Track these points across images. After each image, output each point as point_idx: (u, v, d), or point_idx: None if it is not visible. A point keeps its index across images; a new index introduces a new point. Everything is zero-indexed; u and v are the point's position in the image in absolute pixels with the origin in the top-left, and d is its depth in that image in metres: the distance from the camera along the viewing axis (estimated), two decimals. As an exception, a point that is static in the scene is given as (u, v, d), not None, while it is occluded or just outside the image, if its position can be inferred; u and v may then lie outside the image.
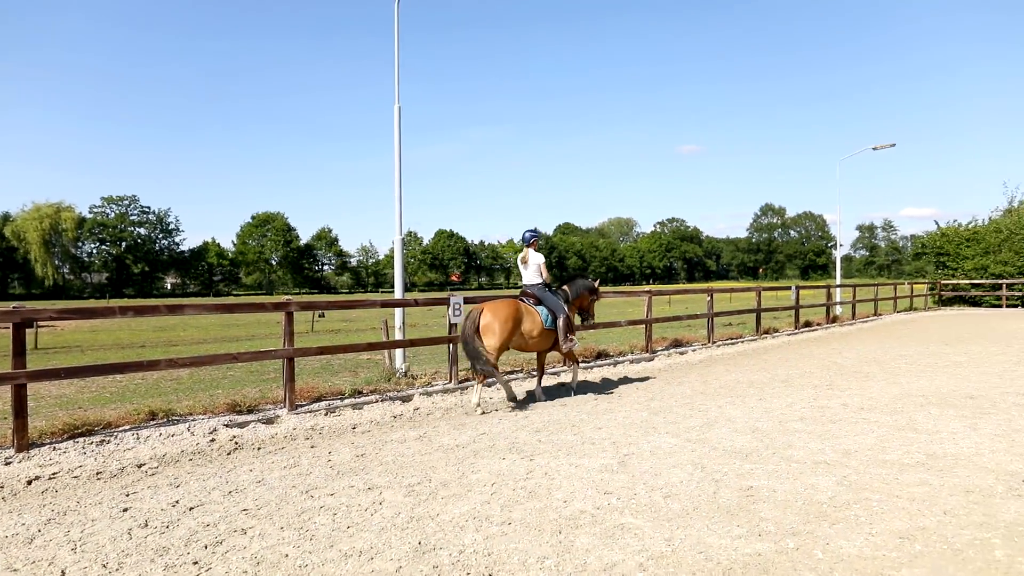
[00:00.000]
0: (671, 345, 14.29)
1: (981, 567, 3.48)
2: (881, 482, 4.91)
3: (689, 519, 4.21)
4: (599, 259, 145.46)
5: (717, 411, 7.66)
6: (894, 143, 27.08)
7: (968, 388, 8.92)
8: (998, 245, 31.93)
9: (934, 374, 10.26)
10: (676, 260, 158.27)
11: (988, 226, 33.48)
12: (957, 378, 9.82)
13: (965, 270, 32.63)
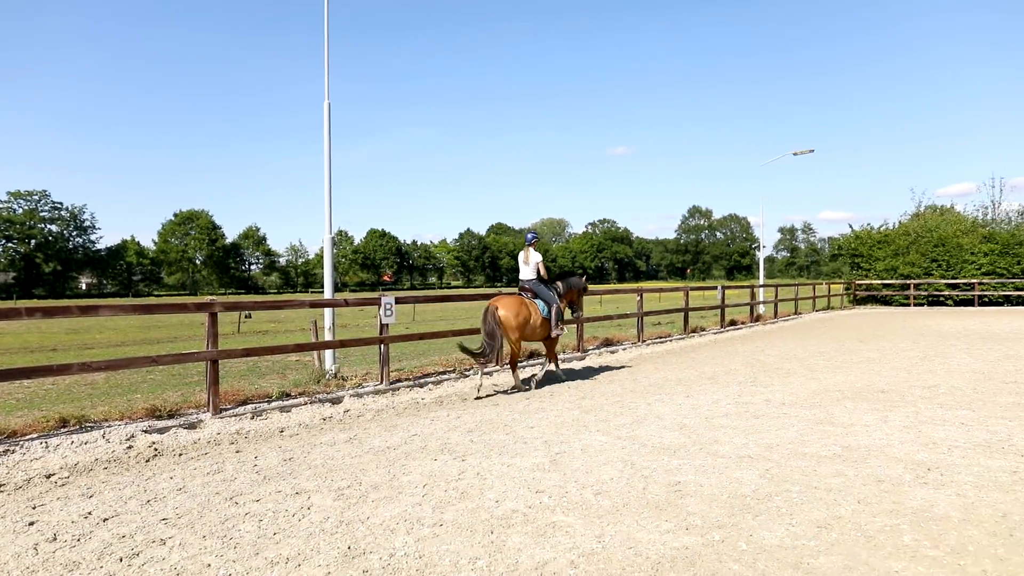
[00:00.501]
0: (602, 344, 14.50)
1: (891, 552, 3.65)
2: (801, 474, 5.10)
3: (619, 515, 4.27)
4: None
5: (646, 408, 7.81)
6: (812, 149, 28.27)
7: (880, 383, 9.37)
8: (906, 247, 33.75)
9: (849, 370, 10.75)
10: (607, 260, 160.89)
11: (898, 229, 35.34)
12: (870, 373, 10.31)
13: (877, 271, 34.33)
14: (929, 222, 35.53)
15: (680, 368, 11.41)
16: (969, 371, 10.37)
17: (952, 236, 33.00)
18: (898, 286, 33.39)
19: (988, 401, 7.89)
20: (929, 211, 39.10)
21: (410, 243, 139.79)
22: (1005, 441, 5.99)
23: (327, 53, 10.21)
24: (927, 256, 33.08)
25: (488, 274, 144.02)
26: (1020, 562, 3.50)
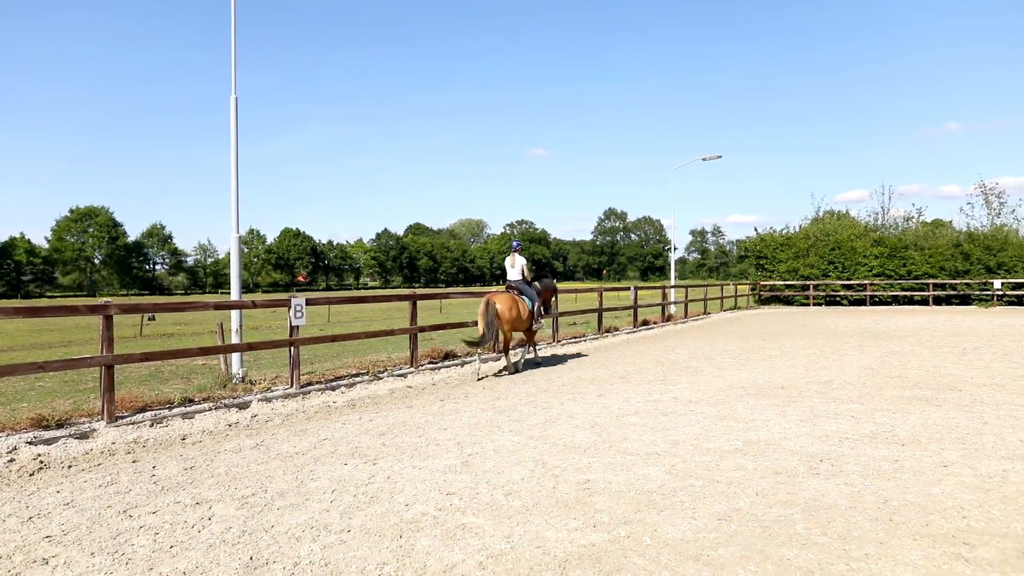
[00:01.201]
0: (518, 345, 14.59)
1: (784, 540, 3.83)
2: (704, 469, 5.29)
3: (529, 515, 4.31)
4: (450, 260, 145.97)
5: (559, 408, 7.92)
6: (720, 155, 29.39)
7: (780, 379, 9.83)
8: (806, 250, 35.58)
9: (753, 367, 11.22)
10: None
11: (799, 233, 37.21)
12: (771, 370, 10.80)
13: (780, 272, 36.03)
14: (827, 226, 37.58)
15: (593, 367, 11.62)
16: (860, 367, 11.02)
17: (847, 240, 35.01)
18: (799, 287, 35.12)
19: (875, 395, 8.40)
20: (827, 216, 41.33)
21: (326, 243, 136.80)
22: (889, 432, 6.39)
23: (234, 45, 9.86)
24: (825, 258, 34.96)
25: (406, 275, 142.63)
26: (898, 544, 3.74)
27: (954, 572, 3.40)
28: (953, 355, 12.46)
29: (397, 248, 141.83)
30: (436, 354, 12.35)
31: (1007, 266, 31.61)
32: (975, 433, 6.30)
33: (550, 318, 15.05)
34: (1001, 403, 7.74)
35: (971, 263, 32.31)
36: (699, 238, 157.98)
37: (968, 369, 10.56)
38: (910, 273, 33.44)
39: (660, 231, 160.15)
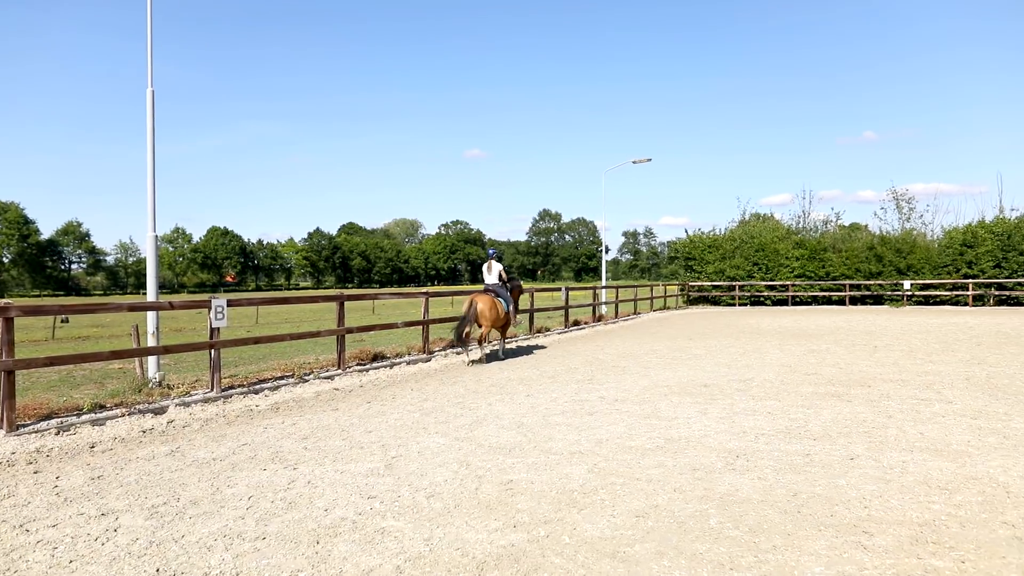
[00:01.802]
0: (448, 346, 14.54)
1: (699, 535, 3.93)
2: (626, 467, 5.38)
3: (450, 517, 4.29)
4: (384, 260, 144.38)
5: (487, 408, 7.92)
6: (650, 158, 30.02)
7: (703, 378, 10.10)
8: (733, 251, 36.69)
9: (678, 366, 11.50)
10: (460, 262, 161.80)
11: (725, 235, 38.35)
12: (696, 369, 11.09)
13: (708, 273, 37.05)
14: (752, 229, 38.87)
15: (523, 367, 11.68)
16: (779, 365, 11.43)
17: (771, 242, 36.28)
18: (725, 287, 36.20)
19: (792, 392, 8.73)
20: (753, 219, 42.74)
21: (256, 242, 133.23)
22: (802, 427, 6.65)
23: (150, 36, 9.47)
24: (750, 260, 36.15)
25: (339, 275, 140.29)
26: (804, 535, 3.88)
27: (853, 560, 3.56)
28: (865, 353, 13.06)
29: (330, 248, 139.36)
30: (365, 356, 12.18)
31: (915, 268, 33.36)
32: (880, 427, 6.62)
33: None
34: (905, 398, 8.15)
35: (883, 265, 33.96)
36: (632, 239, 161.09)
37: (877, 366, 11.08)
38: (829, 274, 34.90)
39: (594, 232, 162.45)
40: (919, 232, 35.96)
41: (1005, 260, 31.94)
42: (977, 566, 3.46)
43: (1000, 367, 10.75)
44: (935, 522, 4.07)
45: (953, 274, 32.82)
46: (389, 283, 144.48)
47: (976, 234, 32.89)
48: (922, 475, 5.02)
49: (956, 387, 8.90)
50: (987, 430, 6.42)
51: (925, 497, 4.53)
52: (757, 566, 3.51)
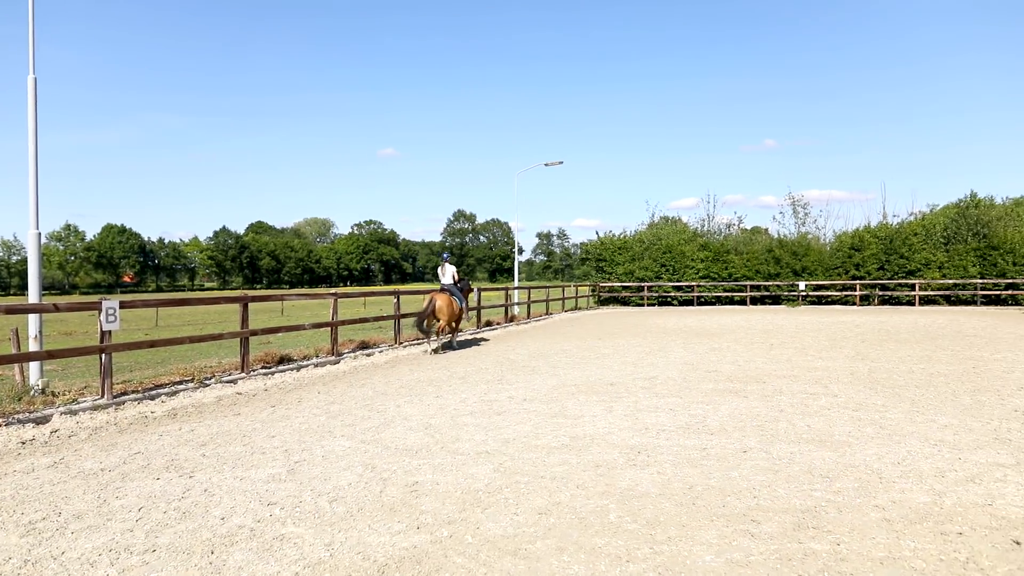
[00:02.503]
0: (358, 347, 14.32)
1: (599, 530, 4.04)
2: (531, 465, 5.45)
3: (353, 521, 4.24)
4: (294, 260, 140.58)
5: (395, 410, 7.85)
6: (562, 161, 30.51)
7: (610, 376, 10.36)
8: (642, 253, 37.74)
9: (586, 366, 11.74)
10: (374, 262, 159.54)
11: (635, 237, 39.39)
12: (603, 368, 11.35)
13: (618, 274, 37.96)
14: (660, 231, 40.07)
15: (434, 369, 11.64)
16: (683, 363, 11.85)
17: (677, 244, 37.52)
18: (635, 288, 37.19)
19: (693, 389, 9.07)
20: (661, 222, 44.03)
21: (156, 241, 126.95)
22: (701, 423, 6.93)
23: (32, 17, 8.88)
24: (658, 261, 37.27)
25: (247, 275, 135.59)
26: (697, 526, 4.06)
27: (741, 547, 3.74)
28: (762, 350, 13.71)
29: (237, 247, 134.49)
30: (270, 358, 11.83)
31: (810, 270, 35.28)
32: (772, 420, 6.98)
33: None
34: (796, 393, 8.62)
35: (781, 267, 35.74)
36: (546, 241, 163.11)
37: (773, 363, 11.67)
38: (731, 276, 36.42)
39: (508, 233, 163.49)
40: (813, 236, 38.02)
41: (888, 263, 34.24)
42: (850, 547, 3.71)
43: (880, 362, 11.53)
44: (816, 508, 4.33)
45: (843, 276, 34.91)
46: (300, 284, 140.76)
47: (863, 238, 35.12)
48: (807, 465, 5.33)
49: (841, 382, 9.48)
50: (866, 421, 6.88)
51: (808, 485, 4.81)
52: (652, 557, 3.64)
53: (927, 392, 8.54)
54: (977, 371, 10.34)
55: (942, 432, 6.37)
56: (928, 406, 7.64)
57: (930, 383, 9.25)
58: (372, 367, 12.10)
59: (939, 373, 10.18)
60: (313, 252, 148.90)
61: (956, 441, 6.02)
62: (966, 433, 6.32)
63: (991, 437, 6.15)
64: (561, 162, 30.39)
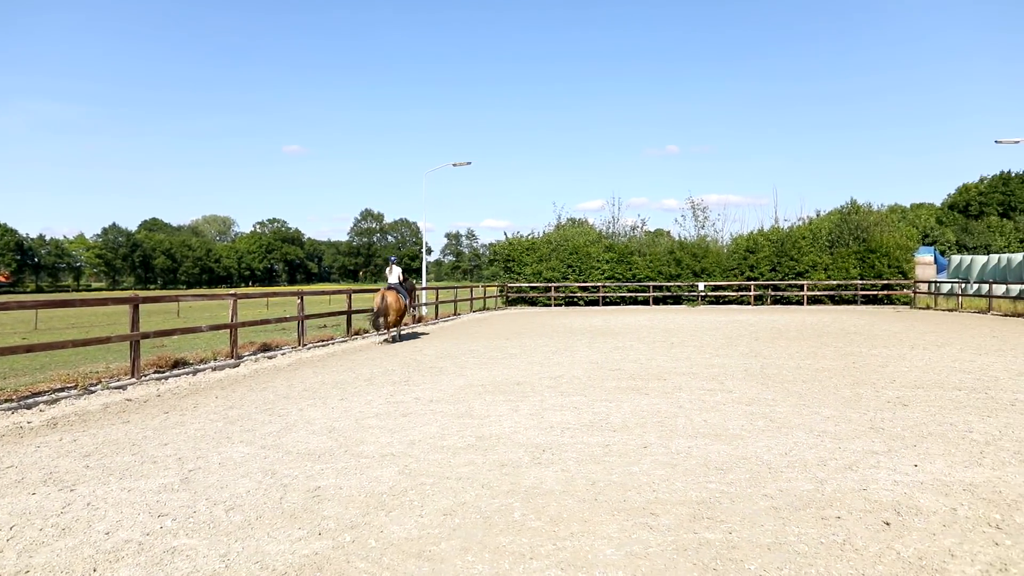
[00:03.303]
0: (259, 350, 13.84)
1: (503, 528, 4.07)
2: (437, 466, 5.43)
3: (251, 529, 4.09)
4: (192, 259, 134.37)
5: (298, 414, 7.64)
6: (470, 161, 30.57)
7: (517, 376, 10.45)
8: (549, 254, 38.28)
9: (493, 366, 11.80)
10: (277, 262, 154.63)
11: (542, 238, 39.89)
12: (510, 368, 11.44)
13: (526, 275, 38.34)
14: (567, 232, 40.73)
15: (339, 371, 11.40)
16: (588, 362, 12.10)
17: (584, 245, 38.29)
18: (542, 288, 37.68)
19: (597, 387, 9.28)
20: (568, 223, 44.77)
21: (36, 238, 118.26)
22: (604, 420, 7.10)
23: None
24: (565, 262, 37.91)
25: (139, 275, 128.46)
26: (599, 521, 4.16)
27: (640, 540, 3.86)
28: (663, 349, 14.19)
29: (128, 245, 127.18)
30: (164, 362, 11.26)
31: (708, 271, 36.80)
32: (671, 416, 7.23)
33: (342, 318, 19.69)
34: (694, 389, 8.97)
35: (682, 268, 37.11)
36: (454, 241, 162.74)
37: (673, 361, 12.10)
38: (635, 276, 37.50)
39: (417, 233, 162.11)
40: (712, 239, 39.64)
41: (779, 264, 36.19)
42: (741, 535, 3.90)
43: (772, 359, 12.16)
44: (711, 500, 4.53)
45: (739, 277, 36.62)
46: (198, 284, 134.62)
47: (757, 241, 36.97)
48: (703, 458, 5.56)
49: (736, 378, 9.93)
50: (758, 415, 7.24)
51: (704, 478, 5.02)
52: (555, 553, 3.70)
53: (812, 386, 9.08)
54: (856, 366, 11.08)
55: (825, 423, 6.78)
56: (813, 399, 8.12)
57: (815, 378, 9.83)
58: (274, 370, 11.72)
59: (823, 368, 10.84)
60: (212, 251, 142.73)
61: (837, 432, 6.43)
62: (846, 424, 6.76)
63: (867, 427, 6.61)
64: (469, 162, 30.47)
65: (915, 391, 8.61)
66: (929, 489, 4.68)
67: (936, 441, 6.03)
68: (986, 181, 77.89)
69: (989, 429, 6.47)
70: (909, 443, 5.96)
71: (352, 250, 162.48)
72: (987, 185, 76.90)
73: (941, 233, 65.77)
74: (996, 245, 59.27)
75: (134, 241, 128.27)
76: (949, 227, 68.11)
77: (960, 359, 11.83)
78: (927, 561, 3.53)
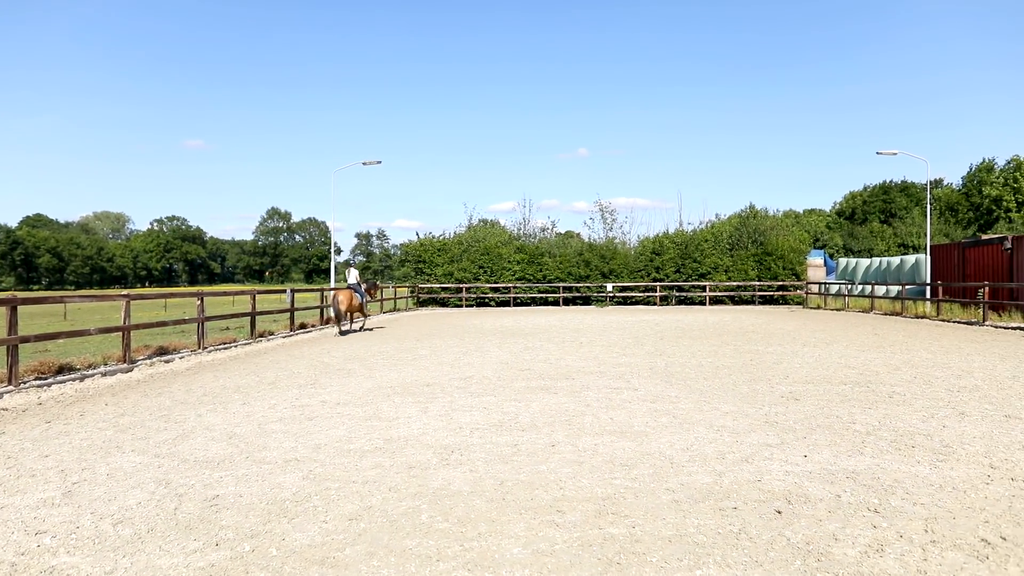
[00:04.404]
0: (155, 353, 13.16)
1: (410, 531, 4.02)
2: (343, 470, 5.31)
3: (141, 543, 3.87)
4: (81, 258, 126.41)
5: (196, 420, 7.30)
6: (380, 160, 30.12)
7: (427, 377, 10.37)
8: (460, 255, 38.25)
9: (403, 367, 11.66)
10: (177, 261, 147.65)
11: (454, 239, 39.82)
12: (420, 369, 11.34)
13: (438, 276, 38.16)
14: (478, 233, 40.81)
15: (241, 374, 10.98)
16: (498, 362, 12.15)
17: (495, 247, 38.47)
18: (454, 289, 37.61)
19: (507, 387, 9.33)
20: (480, 224, 44.86)
21: None
22: (513, 420, 7.14)
23: None
24: (476, 263, 37.98)
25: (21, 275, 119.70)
26: (506, 520, 4.17)
27: (547, 537, 3.90)
28: (572, 348, 14.42)
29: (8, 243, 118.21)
30: (47, 368, 10.52)
31: (617, 272, 37.75)
32: (579, 415, 7.36)
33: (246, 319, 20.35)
34: (601, 388, 9.16)
35: (591, 269, 37.89)
36: (365, 241, 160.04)
37: (581, 360, 12.32)
38: (545, 277, 37.99)
39: (326, 233, 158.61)
40: (620, 241, 40.66)
41: (683, 266, 37.54)
42: (644, 529, 4.00)
43: (675, 357, 12.58)
44: (615, 496, 4.63)
45: (645, 278, 37.73)
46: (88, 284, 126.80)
47: (662, 244, 38.21)
48: (609, 455, 5.68)
49: (642, 376, 10.22)
50: (662, 412, 7.46)
51: (610, 474, 5.12)
52: (462, 554, 3.69)
53: (713, 383, 9.45)
54: (754, 363, 11.62)
55: (724, 419, 7.07)
56: (713, 396, 8.44)
57: (716, 375, 10.24)
58: (172, 374, 11.17)
59: (723, 366, 11.30)
60: (105, 250, 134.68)
61: (735, 426, 6.71)
62: (743, 418, 7.07)
63: (762, 421, 6.93)
64: (379, 162, 30.03)
65: (806, 386, 9.11)
66: (817, 478, 4.96)
67: (824, 432, 6.39)
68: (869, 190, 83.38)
69: (870, 420, 6.92)
70: (800, 435, 6.29)
71: (258, 250, 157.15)
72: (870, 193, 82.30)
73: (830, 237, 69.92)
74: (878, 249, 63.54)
75: (15, 238, 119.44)
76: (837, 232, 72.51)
77: (846, 355, 12.61)
78: (814, 546, 3.73)
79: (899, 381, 9.48)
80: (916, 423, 6.78)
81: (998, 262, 24.95)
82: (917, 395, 8.36)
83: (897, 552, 3.64)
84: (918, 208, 71.88)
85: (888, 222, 74.24)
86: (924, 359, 12.01)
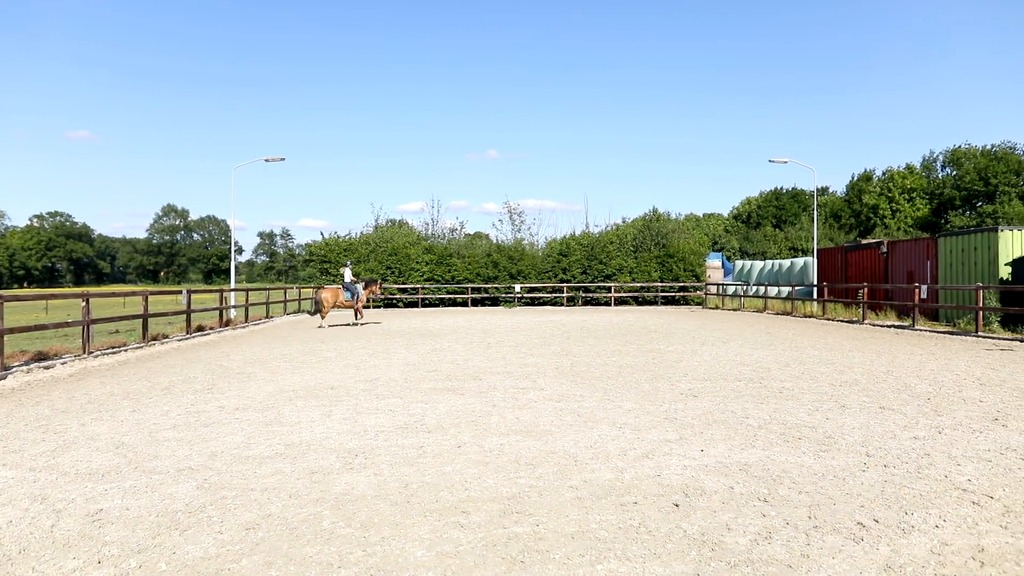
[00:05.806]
0: (33, 359, 12.26)
1: (311, 539, 3.91)
2: (240, 478, 5.11)
3: (11, 566, 3.59)
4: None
5: (79, 430, 6.85)
6: (283, 157, 29.25)
7: (332, 380, 10.14)
8: (367, 255, 37.62)
9: (307, 370, 11.35)
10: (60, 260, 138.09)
11: (361, 239, 39.12)
12: (325, 372, 11.07)
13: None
14: (386, 234, 40.25)
15: (132, 380, 10.39)
16: (405, 364, 12.02)
17: (403, 247, 38.06)
18: (362, 290, 36.90)
19: (414, 388, 9.24)
20: (388, 224, 44.25)
21: None
22: (419, 422, 7.08)
23: None
24: (384, 263, 37.45)
25: None
26: (411, 523, 4.13)
27: (451, 539, 3.89)
28: (480, 349, 14.45)
29: None
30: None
31: (524, 273, 38.13)
32: (485, 415, 7.38)
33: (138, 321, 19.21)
34: (508, 388, 9.22)
35: (499, 270, 38.10)
36: (269, 241, 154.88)
37: (489, 361, 12.36)
38: (454, 278, 37.91)
39: (226, 232, 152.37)
40: (528, 242, 41.07)
41: (590, 268, 38.35)
42: (547, 527, 4.05)
43: (581, 357, 12.83)
44: (520, 495, 4.67)
45: (553, 279, 38.29)
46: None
47: (569, 245, 38.89)
48: (515, 455, 5.72)
49: (548, 376, 10.35)
50: (567, 411, 7.59)
51: (515, 474, 5.16)
52: (365, 560, 3.62)
53: (617, 382, 9.69)
54: (655, 362, 12.00)
55: (626, 416, 7.26)
56: (617, 394, 8.66)
57: (619, 374, 10.51)
58: (52, 381, 10.43)
59: (627, 365, 11.61)
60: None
61: (636, 423, 6.91)
62: (644, 416, 7.28)
63: (663, 418, 7.17)
64: (283, 159, 29.16)
65: (704, 383, 9.48)
66: (712, 471, 5.17)
67: (720, 427, 6.67)
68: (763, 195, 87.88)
69: (762, 415, 7.28)
70: (697, 431, 6.54)
71: (152, 248, 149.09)
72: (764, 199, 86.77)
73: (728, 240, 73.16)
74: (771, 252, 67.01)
75: None
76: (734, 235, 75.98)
77: (741, 353, 13.22)
78: (708, 536, 3.88)
79: (788, 377, 10.02)
80: (803, 416, 7.19)
81: (876, 265, 26.87)
82: (804, 390, 8.86)
83: (784, 538, 3.84)
84: (806, 214, 76.32)
85: (780, 226, 78.46)
86: (811, 356, 12.76)
